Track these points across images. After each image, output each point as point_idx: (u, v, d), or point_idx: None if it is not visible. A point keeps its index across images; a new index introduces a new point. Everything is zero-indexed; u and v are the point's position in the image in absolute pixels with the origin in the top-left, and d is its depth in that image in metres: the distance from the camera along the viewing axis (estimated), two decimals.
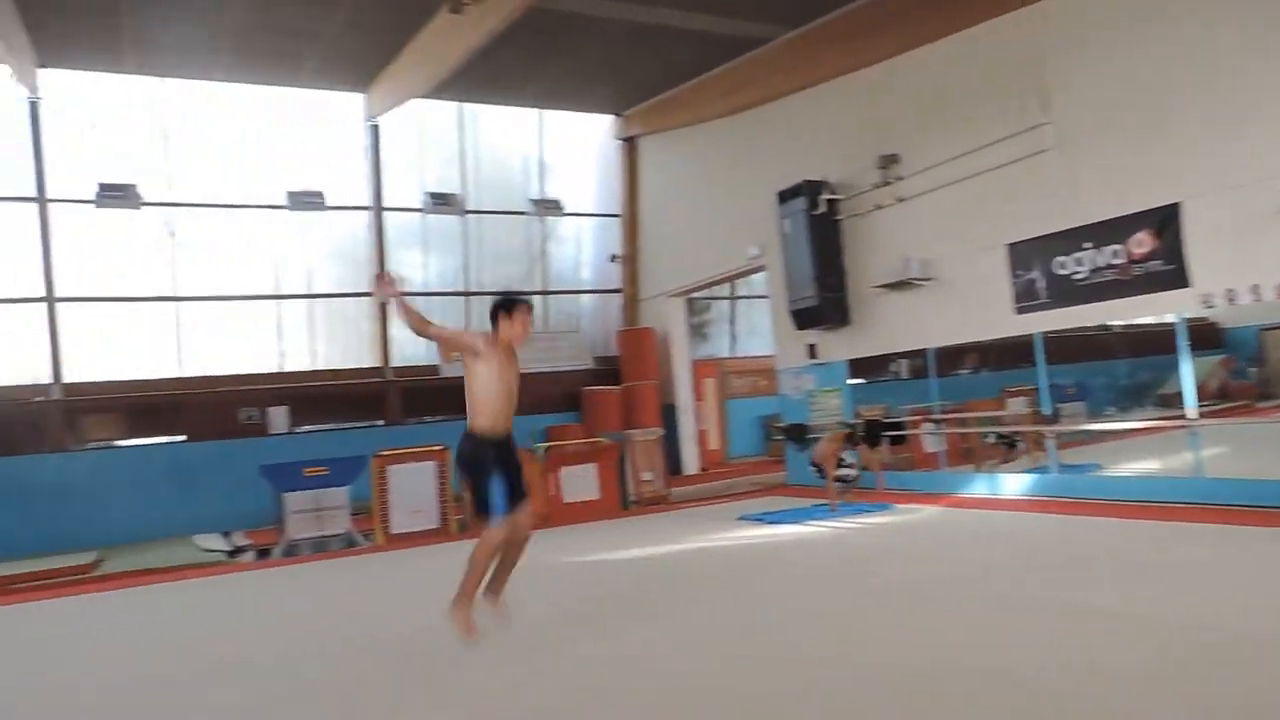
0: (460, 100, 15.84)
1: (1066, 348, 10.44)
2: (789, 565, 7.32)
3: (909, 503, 10.17)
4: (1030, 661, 4.20)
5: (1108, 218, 8.97)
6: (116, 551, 11.84)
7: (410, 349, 16.30)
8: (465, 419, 4.66)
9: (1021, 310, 9.93)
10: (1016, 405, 11.33)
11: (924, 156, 10.92)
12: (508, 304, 4.57)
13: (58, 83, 13.43)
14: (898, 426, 12.05)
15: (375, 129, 15.43)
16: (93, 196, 13.66)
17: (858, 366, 12.58)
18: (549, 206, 17.14)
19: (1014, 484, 10.15)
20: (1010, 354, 11.54)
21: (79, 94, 13.64)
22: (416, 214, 16.20)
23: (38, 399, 13.44)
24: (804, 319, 12.41)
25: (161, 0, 11.22)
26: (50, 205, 13.56)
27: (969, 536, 8.12)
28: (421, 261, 16.46)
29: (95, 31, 12.00)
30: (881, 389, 13.12)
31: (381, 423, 15.58)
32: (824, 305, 12.02)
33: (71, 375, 13.76)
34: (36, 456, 13.16)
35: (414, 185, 16.17)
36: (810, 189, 12.00)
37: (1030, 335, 9.89)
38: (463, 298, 16.74)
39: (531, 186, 17.12)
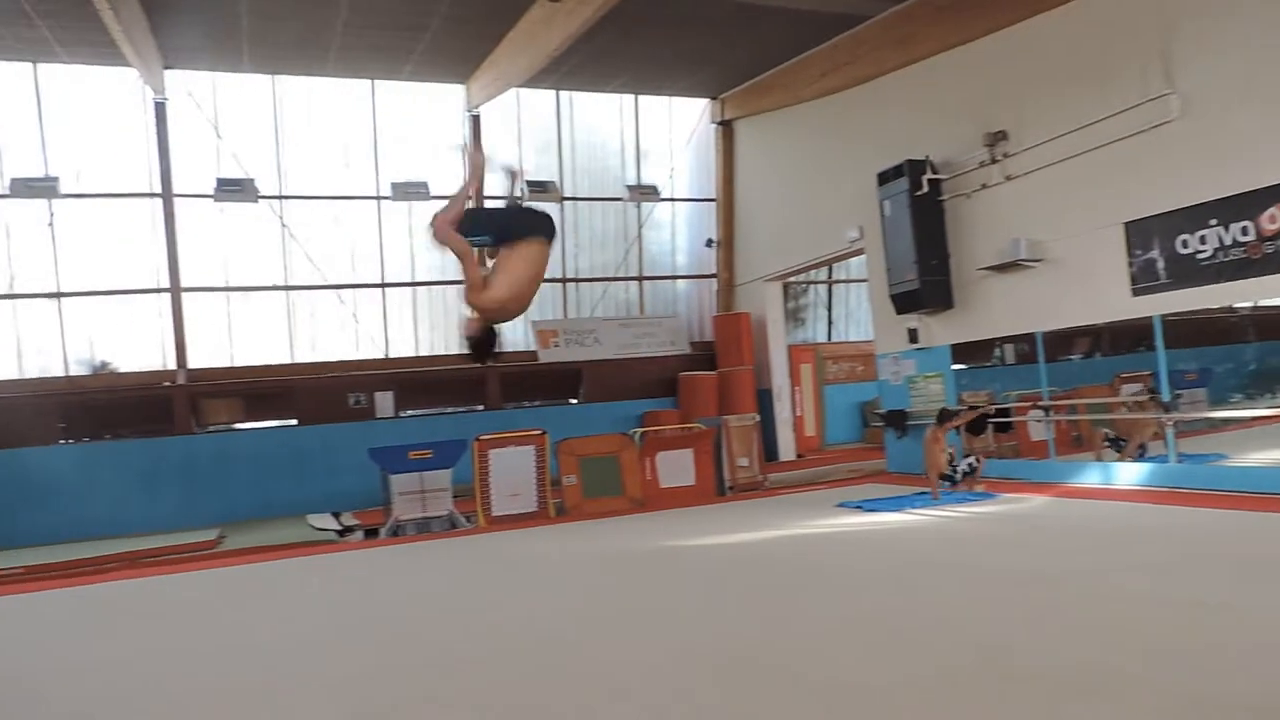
0: (557, 88, 15.98)
1: (1187, 331, 9.90)
2: (892, 554, 7.18)
3: (1015, 492, 9.85)
4: (1157, 661, 4.02)
5: (1237, 192, 8.44)
6: (236, 528, 12.47)
7: (510, 336, 16.50)
8: (562, 403, 4.69)
9: (1139, 292, 9.46)
10: (1131, 391, 10.82)
11: (1035, 132, 10.49)
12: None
13: (181, 83, 14.10)
14: (1003, 413, 11.69)
15: (475, 119, 15.70)
16: (211, 191, 14.31)
17: (960, 351, 12.22)
18: (645, 192, 17.16)
19: (1129, 474, 9.71)
20: (1125, 338, 11.04)
21: (200, 93, 14.30)
22: (516, 201, 16.40)
23: (165, 384, 14.21)
24: (905, 303, 12.11)
25: (278, 0, 11.64)
26: (173, 200, 14.26)
27: (1078, 527, 7.82)
28: None
29: (217, 33, 12.58)
30: (986, 374, 12.72)
31: (481, 408, 15.93)
32: (926, 288, 11.70)
33: (195, 362, 14.51)
34: (164, 439, 13.93)
35: None
36: (912, 169, 11.68)
37: (1148, 318, 9.41)
38: (560, 284, 16.93)
39: (627, 172, 17.17)
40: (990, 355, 12.43)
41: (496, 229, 4.63)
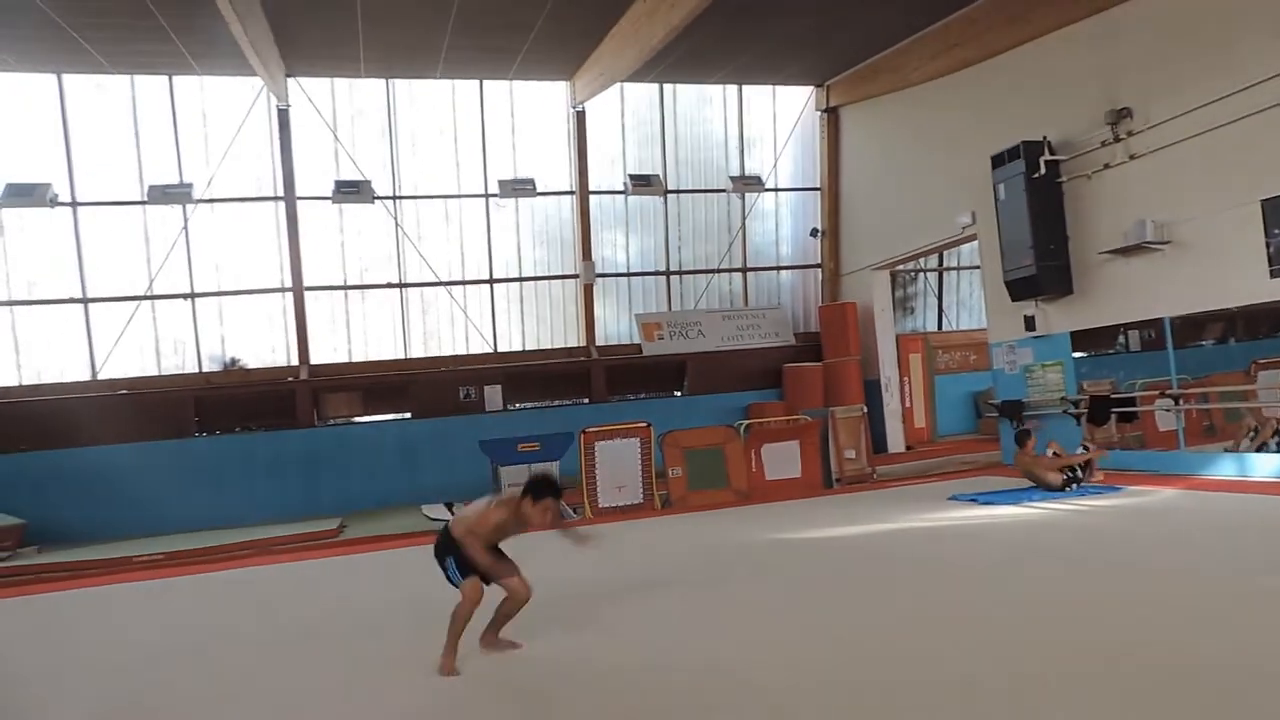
0: (660, 81, 16.02)
1: None
2: (1009, 548, 6.96)
3: (1141, 484, 9.41)
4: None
5: None
6: (355, 518, 12.98)
7: (613, 329, 16.77)
8: (667, 395, 4.67)
9: (1279, 273, 8.88)
10: (1269, 379, 10.18)
11: (1162, 108, 9.97)
12: (539, 491, 4.86)
13: (302, 90, 14.74)
14: (1128, 403, 11.16)
15: (580, 114, 15.89)
16: (330, 193, 14.92)
17: (1080, 339, 11.73)
18: (748, 183, 17.03)
19: (1267, 465, 9.14)
20: (1262, 322, 10.38)
21: (320, 99, 14.92)
22: (619, 195, 16.57)
23: (288, 380, 14.91)
24: (1021, 289, 11.70)
25: (393, 6, 12.03)
26: (295, 203, 14.93)
27: (1210, 521, 7.41)
28: (623, 242, 16.84)
29: (336, 41, 13.10)
30: (1109, 362, 12.17)
31: (586, 400, 16.13)
32: (1043, 274, 11.27)
33: (316, 358, 15.18)
34: (288, 432, 14.61)
35: (616, 167, 16.54)
36: (1029, 150, 11.25)
37: None
38: (664, 277, 16.99)
39: (731, 163, 17.08)
40: (1113, 342, 11.89)
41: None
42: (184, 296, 14.73)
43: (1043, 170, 11.20)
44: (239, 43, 11.35)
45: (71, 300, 14.23)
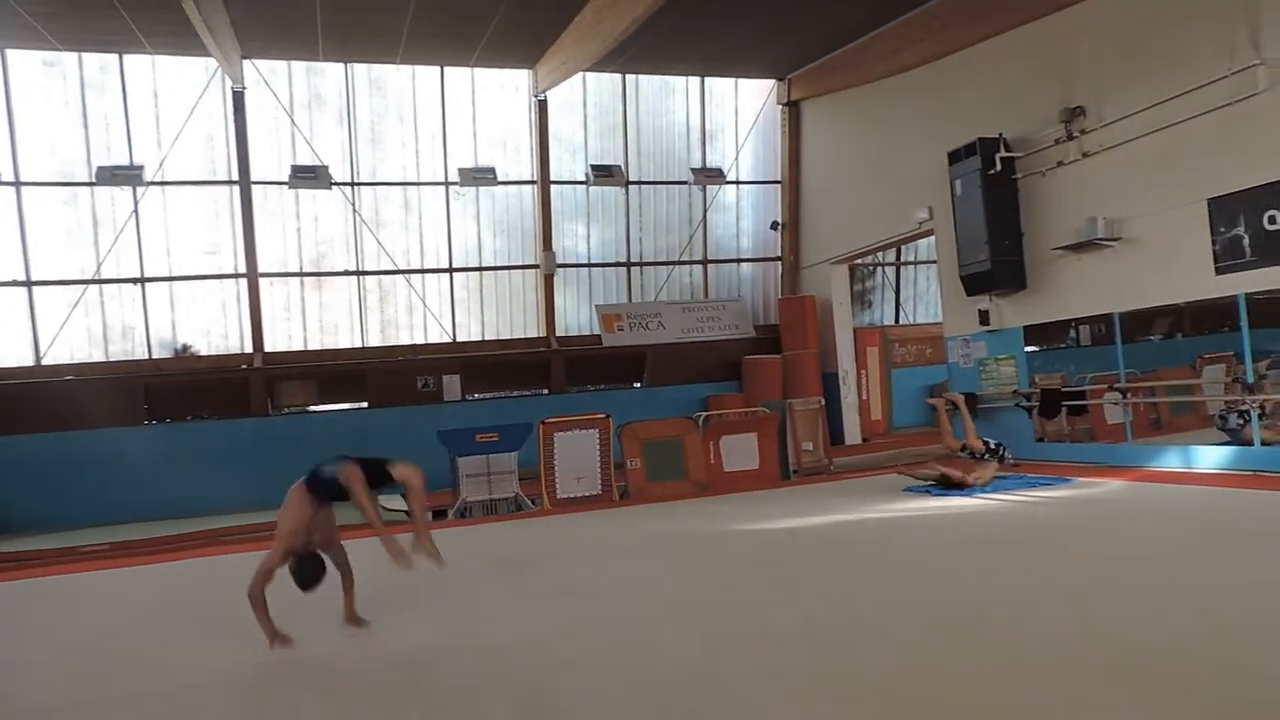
0: (623, 71, 15.97)
1: (1275, 310, 9.50)
2: (960, 537, 7.07)
3: (1090, 476, 9.61)
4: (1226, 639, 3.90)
5: None
6: None
7: (573, 319, 16.72)
8: (626, 386, 4.72)
9: (1223, 270, 9.11)
10: (1213, 373, 10.45)
11: (1114, 108, 10.16)
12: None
13: (258, 72, 14.47)
14: (1078, 396, 11.39)
15: (542, 103, 15.79)
16: (286, 178, 14.66)
17: (1033, 334, 11.94)
18: (710, 175, 17.07)
19: (1210, 458, 9.39)
20: (1207, 318, 10.65)
21: (276, 82, 14.65)
22: (580, 185, 16.51)
23: (242, 367, 14.66)
24: (976, 284, 11.87)
25: None
26: (250, 187, 14.64)
27: (1157, 512, 7.60)
28: (584, 232, 16.78)
29: (293, 23, 12.86)
30: (1060, 356, 12.41)
31: (546, 391, 16.08)
32: (998, 269, 11.45)
33: (270, 345, 14.93)
34: (241, 421, 14.36)
35: (578, 157, 16.47)
36: (985, 147, 11.41)
37: (1232, 297, 9.07)
38: (624, 268, 16.97)
39: (693, 155, 17.10)
40: (1065, 337, 12.13)
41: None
42: (134, 281, 14.39)
43: (998, 167, 11.36)
44: (192, 21, 11.10)
45: (14, 283, 13.83)
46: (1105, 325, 10.86)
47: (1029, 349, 11.97)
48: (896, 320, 19.38)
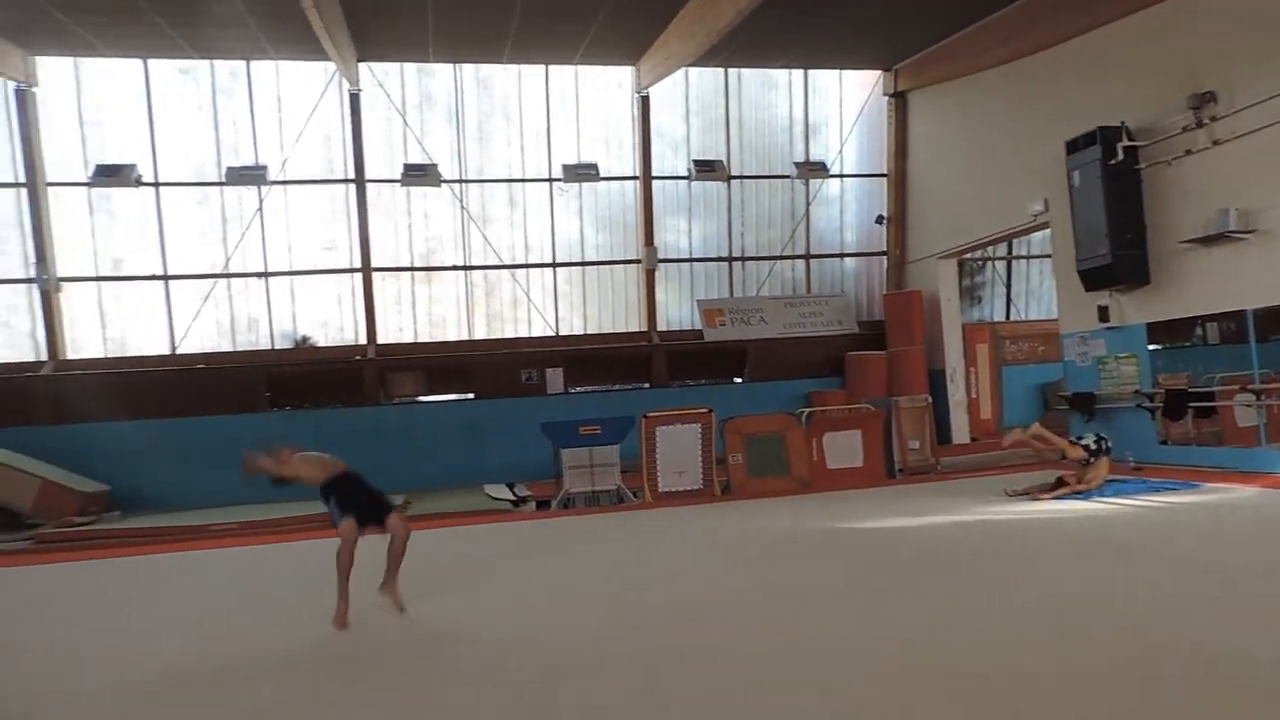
0: (725, 65, 15.93)
1: None
2: (1074, 542, 6.83)
3: (1219, 481, 9.12)
4: None
5: None
6: (419, 496, 13.23)
7: (675, 314, 16.78)
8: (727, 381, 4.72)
9: None
10: None
11: (1247, 92, 9.60)
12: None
13: (373, 74, 15.02)
14: (1205, 397, 10.82)
15: (644, 99, 15.89)
16: (399, 176, 15.18)
17: (1156, 331, 11.39)
18: (813, 169, 16.86)
19: None
20: None
21: (390, 84, 15.19)
22: (682, 180, 16.54)
23: (356, 358, 15.26)
24: (1095, 279, 11.40)
25: None
26: (365, 185, 15.22)
27: None
28: (686, 227, 16.81)
29: (407, 27, 13.32)
30: (1185, 355, 11.81)
31: (647, 385, 16.18)
32: (1119, 264, 10.96)
33: (383, 337, 15.50)
34: (355, 410, 14.95)
35: (680, 152, 16.51)
36: (1106, 136, 10.93)
37: None
38: (726, 263, 16.93)
39: (796, 149, 16.92)
40: (1191, 335, 11.53)
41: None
42: (258, 275, 15.15)
43: (1120, 156, 10.87)
44: (314, 28, 11.60)
45: (154, 277, 14.75)
46: (1236, 322, 10.29)
47: (1152, 347, 11.44)
48: (1008, 316, 18.77)
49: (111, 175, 14.18)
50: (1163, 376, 11.35)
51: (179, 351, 14.82)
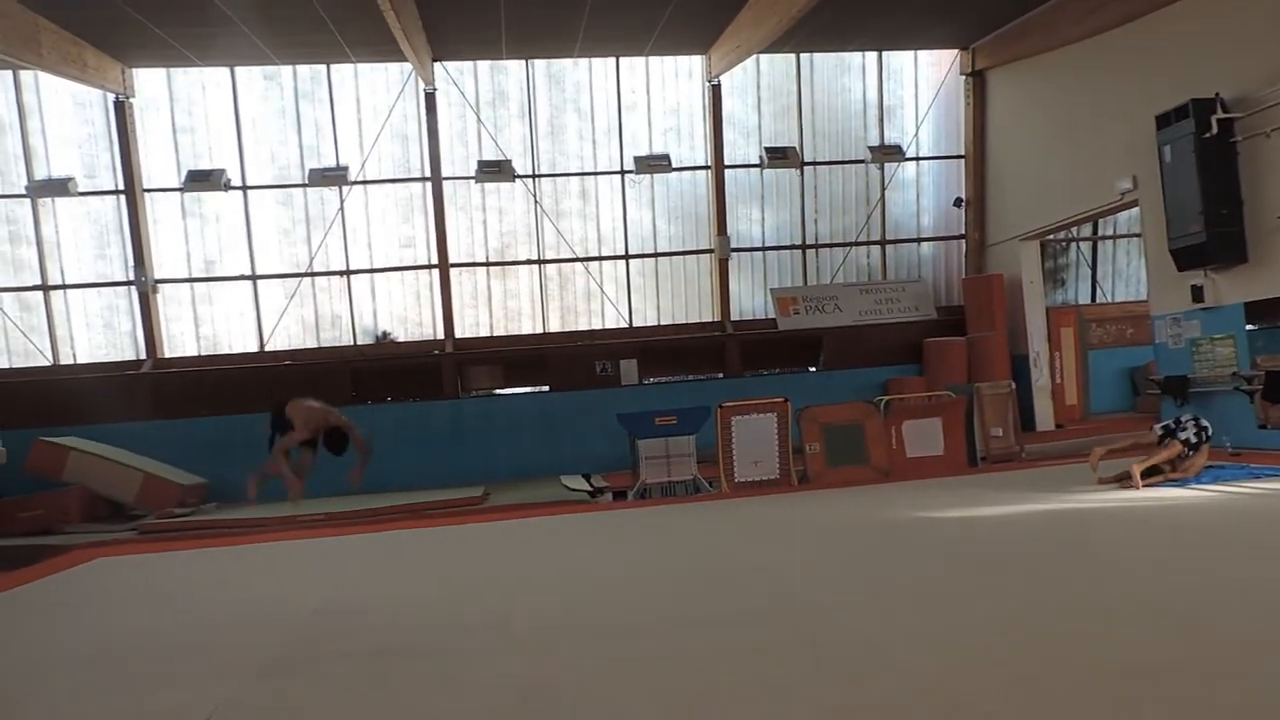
0: (797, 51, 15.76)
1: None
2: (1173, 531, 6.60)
3: None
4: None
5: None
6: (497, 487, 13.48)
7: (748, 303, 16.70)
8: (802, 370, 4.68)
9: None
10: None
11: None
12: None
13: (447, 73, 15.28)
14: None
15: (715, 88, 15.82)
16: (473, 173, 15.44)
17: (1254, 311, 10.93)
18: (888, 153, 16.57)
19: None
20: None
21: (463, 82, 15.44)
22: (754, 169, 16.44)
23: (435, 353, 15.58)
24: (1188, 258, 10.98)
25: None
26: (441, 183, 15.52)
27: None
28: (758, 216, 16.71)
29: (479, 24, 13.51)
30: None
31: (721, 375, 16.15)
32: (1214, 241, 10.54)
33: (460, 331, 15.80)
34: (434, 403, 15.28)
35: (751, 140, 16.41)
36: (1199, 109, 10.50)
37: None
38: (799, 250, 16.78)
39: (870, 133, 16.66)
40: None
41: None
42: (339, 273, 15.59)
43: (1214, 130, 10.43)
44: (392, 30, 11.86)
45: (242, 277, 15.31)
46: None
47: (1250, 328, 10.97)
48: (1093, 299, 18.19)
49: (202, 180, 14.76)
50: (1261, 358, 10.89)
51: (267, 349, 15.36)
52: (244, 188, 15.13)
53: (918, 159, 16.93)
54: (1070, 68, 13.89)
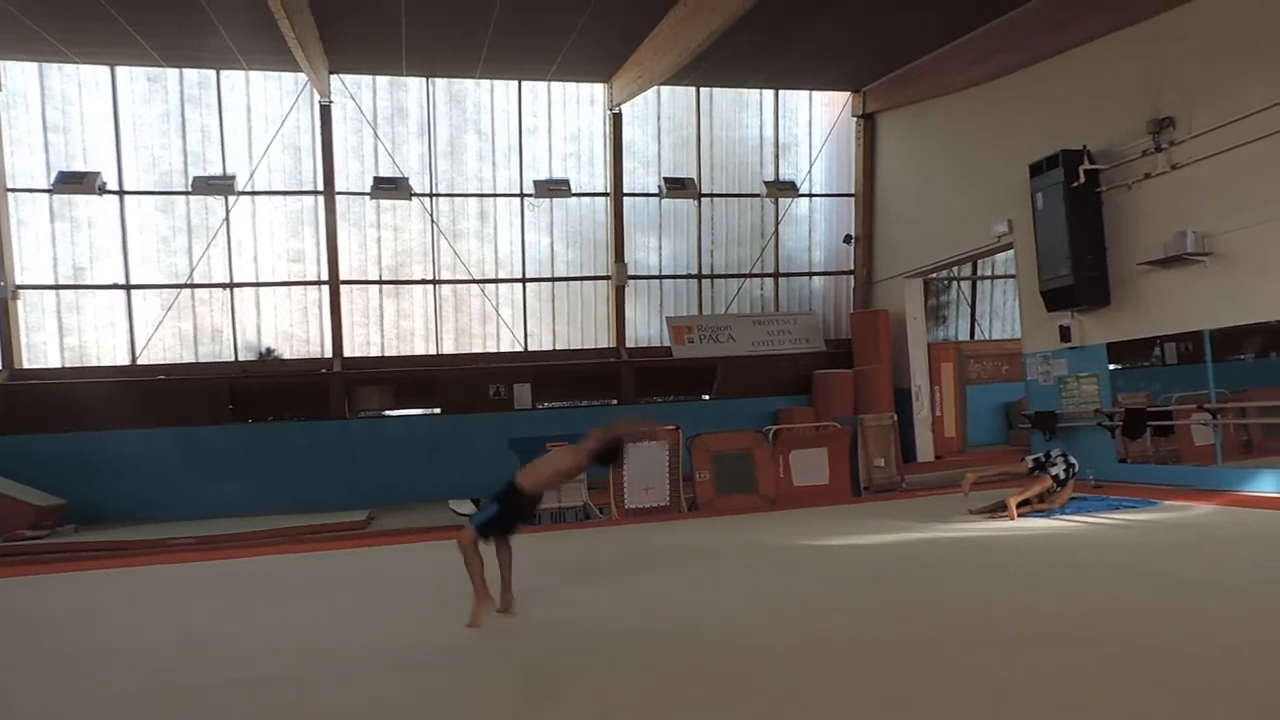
0: (697, 84, 16.06)
1: None
2: (1036, 558, 6.89)
3: (1177, 499, 9.26)
4: None
5: None
6: (384, 510, 13.09)
7: (644, 330, 16.81)
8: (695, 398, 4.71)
9: None
10: None
11: (1205, 117, 9.84)
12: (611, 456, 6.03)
13: (344, 86, 14.96)
14: (1164, 416, 11.02)
15: (616, 117, 15.96)
16: (368, 189, 15.11)
17: (1116, 351, 11.60)
18: (783, 188, 17.02)
19: None
20: None
21: (361, 95, 15.13)
22: (653, 198, 16.61)
23: (322, 371, 15.09)
24: (1057, 299, 11.59)
25: (436, 6, 12.18)
26: (334, 197, 15.11)
27: (1241, 536, 7.29)
28: (656, 244, 16.87)
29: (379, 39, 13.30)
30: (1144, 375, 12.03)
31: (615, 401, 16.16)
32: (1081, 284, 11.17)
33: (349, 350, 15.36)
34: (320, 423, 14.78)
35: (651, 170, 16.59)
36: (1068, 159, 11.16)
37: None
38: (695, 280, 17.01)
39: (766, 168, 17.08)
40: (1149, 355, 11.75)
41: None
42: (223, 286, 14.98)
43: (1082, 179, 11.09)
44: (287, 39, 11.54)
45: (115, 286, 14.53)
46: (1193, 343, 10.49)
47: (1112, 367, 11.63)
48: (972, 336, 19.02)
49: (75, 182, 13.98)
50: (1122, 396, 11.54)
51: (140, 362, 14.58)
52: (120, 192, 14.40)
53: (810, 195, 17.44)
54: (955, 114, 14.58)
